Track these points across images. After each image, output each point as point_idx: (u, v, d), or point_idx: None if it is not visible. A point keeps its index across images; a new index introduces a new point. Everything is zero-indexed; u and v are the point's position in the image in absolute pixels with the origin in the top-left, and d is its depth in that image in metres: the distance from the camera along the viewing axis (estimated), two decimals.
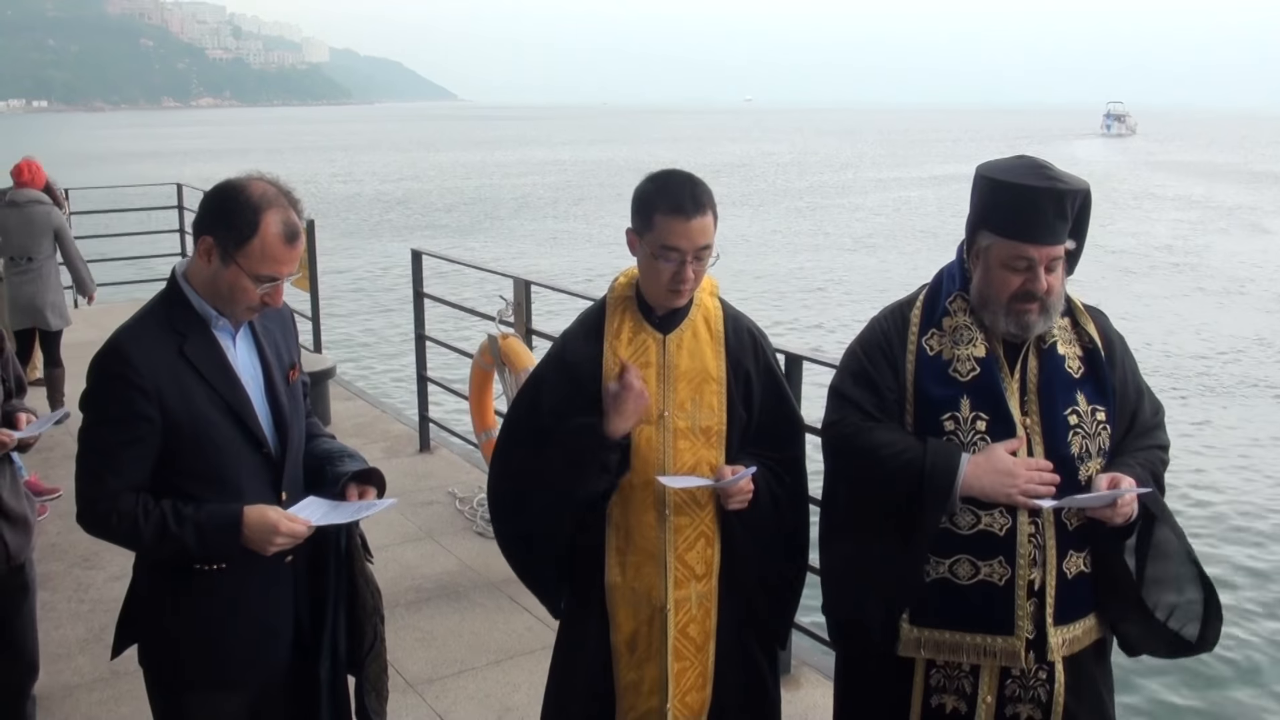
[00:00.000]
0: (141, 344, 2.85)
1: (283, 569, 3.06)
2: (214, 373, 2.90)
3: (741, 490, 3.20)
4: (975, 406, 2.95)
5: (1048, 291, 2.89)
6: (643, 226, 3.20)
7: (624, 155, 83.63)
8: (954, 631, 3.00)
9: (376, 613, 3.29)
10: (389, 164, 76.53)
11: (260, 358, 3.05)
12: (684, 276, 3.16)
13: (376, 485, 3.16)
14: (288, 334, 3.20)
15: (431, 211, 45.89)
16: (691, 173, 3.25)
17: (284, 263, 2.87)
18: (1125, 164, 75.21)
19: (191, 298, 2.92)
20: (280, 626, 3.10)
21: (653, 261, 3.19)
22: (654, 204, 3.16)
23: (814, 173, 67.49)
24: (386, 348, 19.56)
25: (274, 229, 2.83)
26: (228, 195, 2.87)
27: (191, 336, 2.89)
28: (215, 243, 2.85)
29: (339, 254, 30.34)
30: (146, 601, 3.04)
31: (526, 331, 7.26)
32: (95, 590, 6.02)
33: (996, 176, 2.92)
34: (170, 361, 2.85)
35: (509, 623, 5.77)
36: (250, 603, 3.02)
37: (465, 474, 8.08)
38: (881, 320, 3.17)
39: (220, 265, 2.86)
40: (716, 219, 3.20)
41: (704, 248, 3.16)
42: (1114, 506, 2.84)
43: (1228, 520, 11.92)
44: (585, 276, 26.32)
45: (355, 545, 3.23)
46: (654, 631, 3.30)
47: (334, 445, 3.30)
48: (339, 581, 3.18)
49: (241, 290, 2.87)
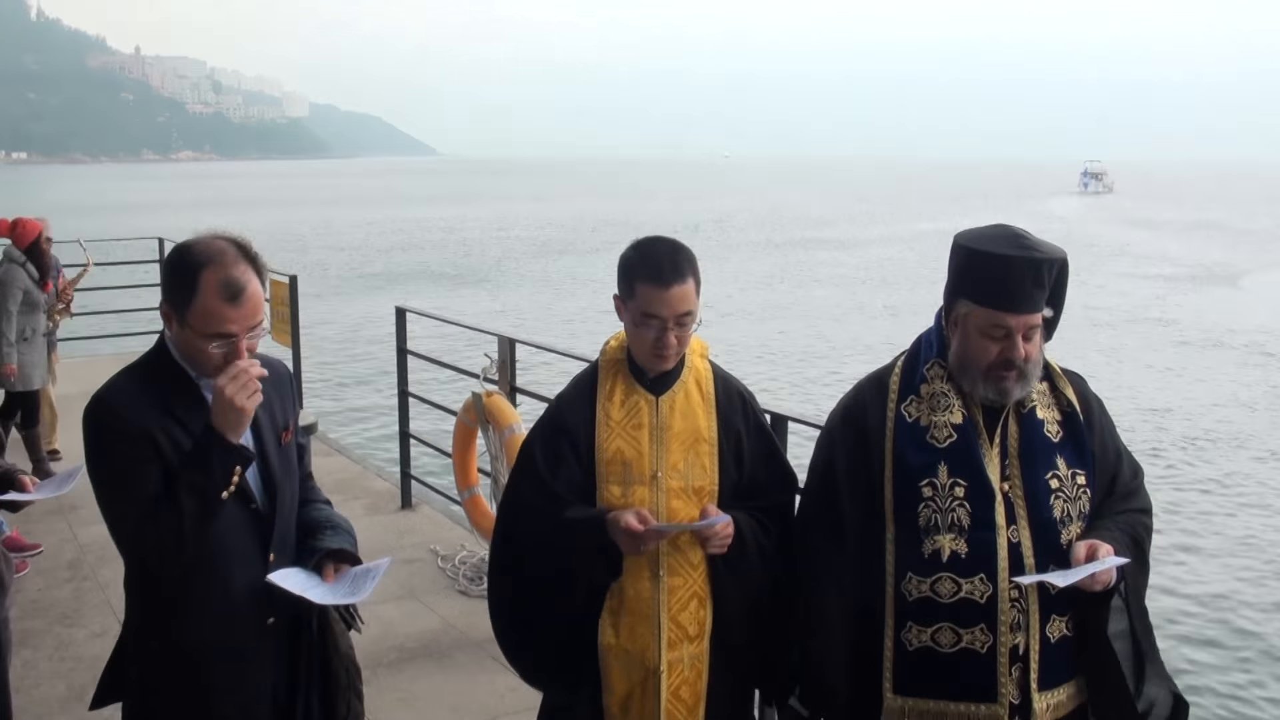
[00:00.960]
0: (128, 397, 2.84)
1: (265, 629, 3.03)
2: (200, 427, 2.85)
3: (718, 534, 3.20)
4: (953, 473, 2.96)
5: (1025, 359, 2.91)
6: (626, 293, 3.26)
7: (605, 209, 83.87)
8: (937, 700, 3.00)
9: (352, 689, 3.26)
10: (371, 219, 76.64)
11: (252, 418, 2.99)
12: (666, 343, 3.21)
13: (350, 563, 3.12)
14: (284, 396, 3.17)
15: (413, 264, 45.96)
16: (675, 240, 3.30)
17: (229, 321, 2.81)
18: (1102, 221, 75.78)
19: (177, 358, 2.90)
20: (262, 689, 3.06)
21: (636, 328, 3.25)
22: (635, 272, 3.22)
23: (790, 228, 67.73)
24: (369, 404, 19.53)
25: (212, 288, 2.79)
26: (173, 258, 2.86)
27: (178, 396, 2.87)
28: (170, 308, 2.85)
29: (322, 309, 30.33)
30: (133, 659, 3.02)
31: (511, 389, 7.29)
32: (76, 648, 5.98)
33: (974, 246, 2.94)
34: (158, 420, 2.83)
35: (492, 683, 5.74)
36: (234, 663, 2.98)
37: (448, 531, 8.05)
38: (860, 389, 3.20)
39: (179, 328, 2.85)
40: (699, 285, 3.24)
41: (685, 314, 3.20)
42: (1093, 577, 2.85)
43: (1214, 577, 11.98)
44: (569, 332, 26.38)
45: (329, 620, 3.20)
46: (647, 694, 3.30)
47: (321, 514, 3.26)
48: (310, 658, 3.15)
49: (199, 352, 2.83)
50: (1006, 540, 2.93)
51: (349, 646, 3.27)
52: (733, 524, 3.24)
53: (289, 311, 10.80)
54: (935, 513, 2.96)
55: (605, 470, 3.29)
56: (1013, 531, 2.94)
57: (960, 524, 2.94)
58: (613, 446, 3.29)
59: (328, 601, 3.00)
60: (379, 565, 3.09)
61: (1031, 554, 2.93)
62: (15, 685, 5.48)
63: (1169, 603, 11.09)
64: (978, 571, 2.92)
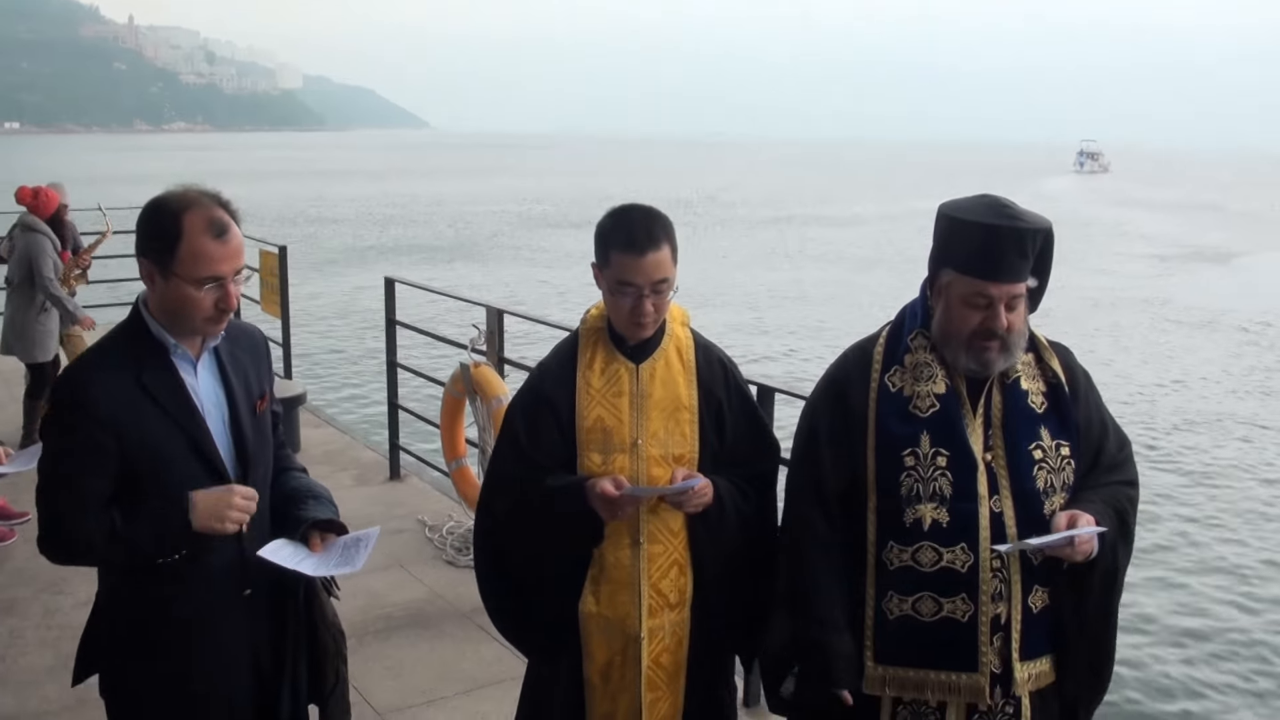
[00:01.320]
0: (99, 373, 2.81)
1: (242, 602, 3.00)
2: (171, 402, 2.84)
3: (693, 496, 3.21)
4: (935, 442, 2.95)
5: (1008, 329, 2.89)
6: (602, 262, 3.25)
7: (595, 185, 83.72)
8: (918, 669, 3.00)
9: (339, 655, 3.26)
10: (363, 191, 76.40)
11: (225, 387, 2.99)
12: (643, 310, 3.20)
13: (337, 532, 3.10)
14: (259, 362, 3.14)
15: (405, 238, 45.87)
16: (650, 206, 3.29)
17: (219, 260, 2.79)
18: (1095, 200, 75.80)
19: (151, 325, 2.87)
20: (242, 661, 3.05)
21: (612, 296, 3.24)
22: (610, 240, 3.21)
23: (788, 206, 67.73)
24: (358, 375, 19.51)
25: (198, 228, 2.77)
26: (149, 211, 2.84)
27: (149, 365, 2.84)
28: (152, 262, 2.81)
29: (312, 280, 30.28)
30: (107, 633, 3.00)
31: (499, 360, 7.28)
32: (63, 615, 5.98)
33: (957, 215, 2.93)
34: (127, 390, 2.79)
35: (478, 652, 5.76)
36: (210, 635, 2.96)
37: (435, 502, 8.06)
38: (844, 359, 3.19)
39: (163, 283, 2.80)
40: (675, 252, 3.23)
41: (660, 281, 3.19)
42: (1073, 545, 2.85)
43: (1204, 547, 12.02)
44: (559, 304, 26.36)
45: (315, 588, 3.19)
46: (628, 661, 3.32)
47: (301, 483, 3.23)
48: (297, 625, 3.14)
49: (189, 301, 2.80)
50: (989, 510, 2.92)
51: (334, 614, 3.27)
52: (711, 487, 3.25)
53: (279, 282, 10.78)
54: (917, 482, 2.95)
55: (586, 438, 3.29)
56: (995, 502, 2.93)
57: (942, 494, 2.93)
58: (593, 414, 3.29)
59: (320, 573, 2.99)
60: (369, 534, 3.08)
61: (1014, 524, 2.92)
62: (1, 653, 5.51)
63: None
64: (959, 541, 2.91)
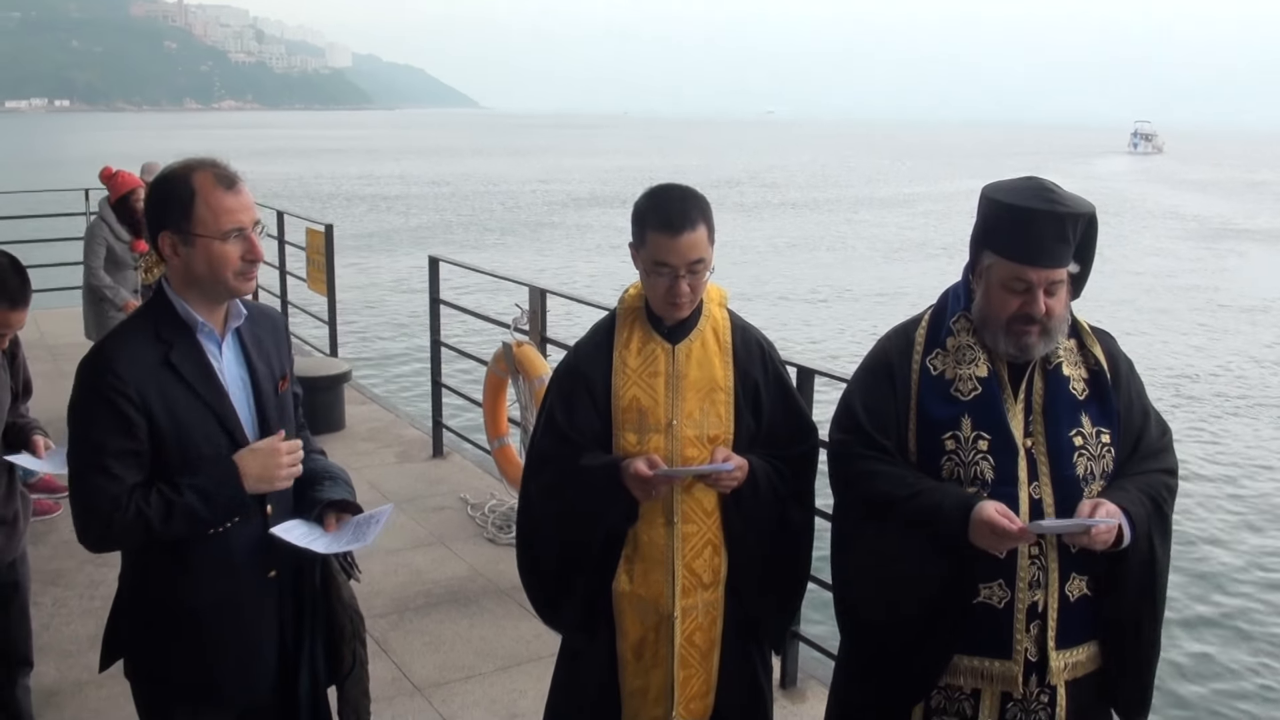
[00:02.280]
0: (125, 351, 2.82)
1: (267, 583, 3.03)
2: (199, 379, 2.87)
3: (727, 479, 3.23)
4: (976, 426, 2.93)
5: (1048, 314, 2.87)
6: (639, 242, 3.26)
7: (644, 164, 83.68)
8: (955, 654, 2.98)
9: (356, 637, 3.27)
10: (411, 169, 76.78)
11: (248, 366, 3.01)
12: (679, 290, 3.21)
13: (352, 513, 3.12)
14: (280, 343, 3.17)
15: (452, 218, 46.03)
16: (687, 187, 3.29)
17: (237, 210, 2.83)
18: (1148, 181, 75.14)
19: (176, 304, 2.89)
20: (265, 642, 3.07)
21: (648, 276, 3.25)
22: (646, 220, 3.21)
23: (838, 186, 67.45)
24: (402, 353, 19.62)
25: (209, 183, 2.81)
26: (156, 185, 2.87)
27: (176, 344, 2.86)
28: (171, 232, 2.83)
29: (359, 258, 30.46)
30: (131, 618, 3.02)
31: (541, 340, 7.31)
32: (107, 587, 6.05)
33: (999, 198, 2.90)
34: (154, 369, 2.81)
35: (517, 629, 5.80)
36: (236, 617, 2.99)
37: (478, 480, 8.12)
38: (886, 341, 3.17)
39: (187, 249, 2.83)
40: (712, 232, 3.23)
41: (696, 262, 3.19)
42: (1089, 533, 2.81)
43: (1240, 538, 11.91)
44: (606, 285, 26.39)
45: (331, 570, 3.21)
46: (660, 639, 3.34)
47: (318, 464, 3.24)
48: (314, 606, 3.17)
49: (217, 259, 2.82)
50: (1028, 496, 2.89)
51: (351, 596, 3.28)
52: (746, 467, 3.25)
53: (325, 260, 10.85)
54: (958, 466, 2.93)
55: (621, 418, 3.30)
56: (1034, 488, 2.90)
57: (983, 478, 2.91)
58: (629, 394, 3.30)
59: (331, 550, 3.01)
60: (382, 512, 3.10)
61: (1054, 511, 2.89)
62: (46, 623, 5.61)
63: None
64: None
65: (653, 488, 3.18)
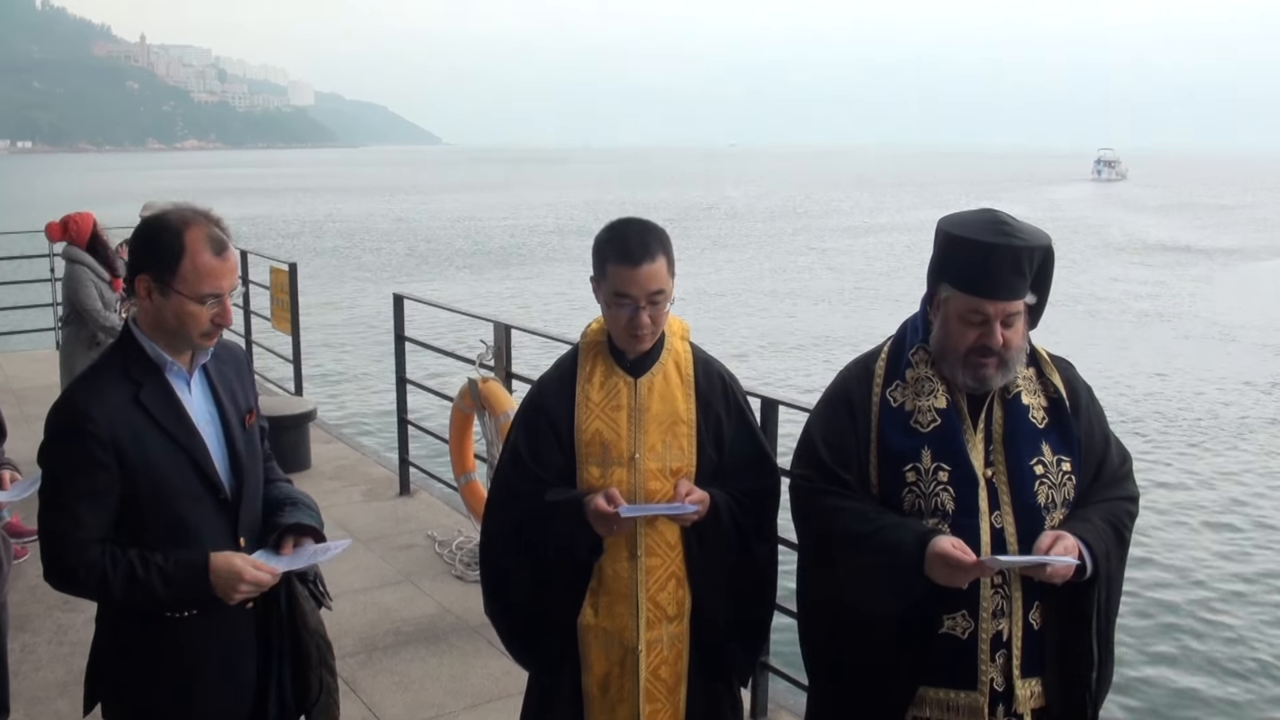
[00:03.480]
0: (96, 393, 2.85)
1: (245, 614, 3.06)
2: (169, 419, 2.90)
3: (689, 519, 3.25)
4: (936, 457, 2.94)
5: (1005, 346, 2.89)
6: (599, 275, 3.29)
7: (607, 198, 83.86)
8: (920, 686, 2.98)
9: (324, 665, 3.27)
10: (375, 207, 76.67)
11: (216, 403, 3.05)
12: (640, 322, 3.23)
13: (311, 536, 3.14)
14: (243, 378, 3.20)
15: (418, 253, 45.97)
16: (646, 220, 3.33)
17: (220, 276, 2.88)
18: (1110, 207, 75.84)
19: (144, 343, 2.93)
20: (244, 674, 3.10)
21: (609, 309, 3.28)
22: (606, 252, 3.25)
23: (792, 218, 67.71)
24: (367, 390, 19.56)
25: (200, 245, 2.85)
26: (148, 228, 2.90)
27: (146, 384, 2.89)
28: (151, 278, 2.87)
29: (321, 296, 30.35)
30: (111, 656, 3.04)
31: (506, 375, 7.31)
32: (75, 632, 6.01)
33: (954, 231, 2.92)
34: (125, 409, 2.85)
35: (486, 666, 5.78)
36: (215, 652, 3.01)
37: (445, 517, 8.09)
38: (846, 373, 3.19)
39: (161, 299, 2.87)
40: (671, 264, 3.26)
41: (656, 293, 3.22)
42: (1047, 569, 2.81)
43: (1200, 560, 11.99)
44: (570, 319, 26.39)
45: (296, 597, 3.22)
46: (626, 673, 3.34)
47: (281, 492, 3.27)
48: (280, 633, 3.17)
49: (189, 316, 2.87)
50: (990, 525, 2.91)
51: (319, 623, 3.29)
52: (708, 501, 3.27)
53: (289, 299, 10.81)
54: (919, 498, 2.94)
55: (584, 452, 3.32)
56: (996, 517, 2.92)
57: (944, 509, 2.92)
58: (592, 428, 3.32)
59: (282, 568, 3.01)
60: (339, 544, 3.15)
61: (1015, 540, 2.90)
62: (14, 669, 5.53)
63: None
64: None
65: (614, 524, 3.19)
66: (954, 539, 2.83)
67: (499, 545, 3.48)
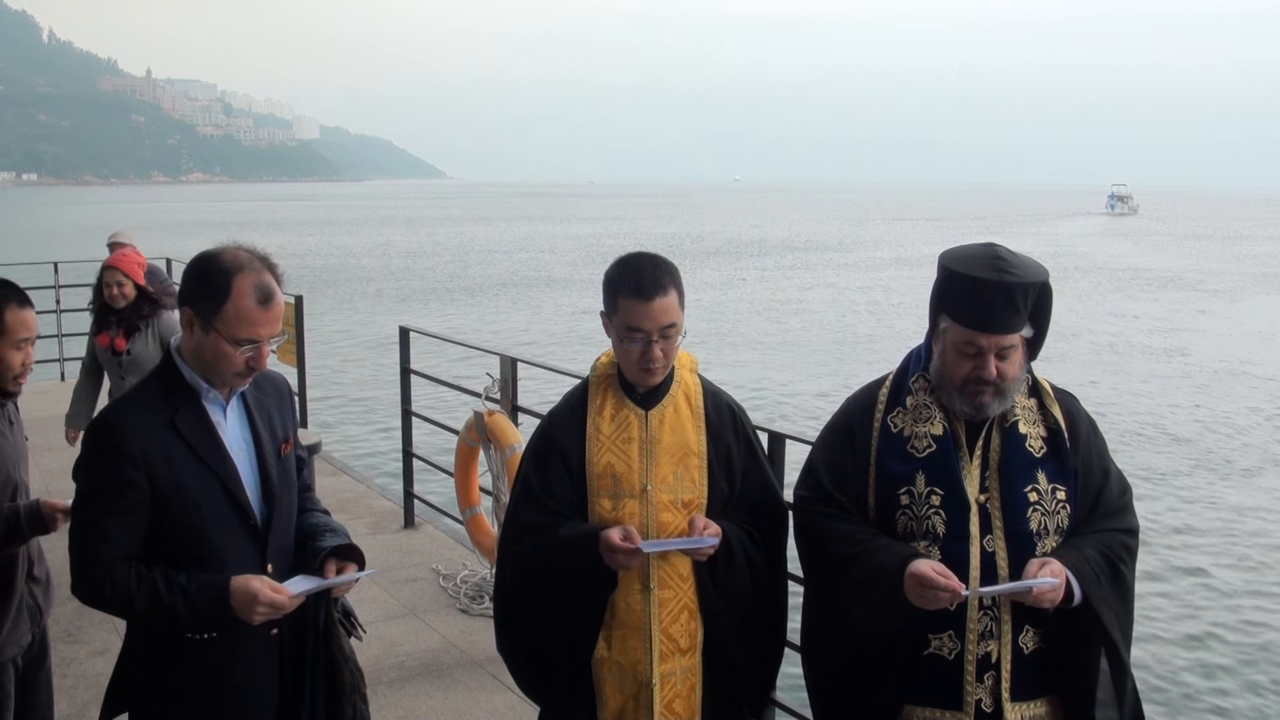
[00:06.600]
0: (131, 415, 2.92)
1: (269, 640, 3.09)
2: (202, 444, 2.96)
3: (705, 553, 3.27)
4: (930, 481, 3.03)
5: (1000, 376, 2.97)
6: (611, 309, 3.31)
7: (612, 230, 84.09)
8: (906, 704, 3.06)
9: (356, 691, 3.30)
10: (380, 239, 76.91)
11: (252, 430, 3.10)
12: (652, 356, 3.26)
13: (356, 561, 3.18)
14: (284, 408, 3.25)
15: (421, 286, 46.05)
16: (657, 254, 3.35)
17: (260, 325, 2.92)
18: (1120, 241, 76.20)
19: (183, 370, 2.99)
20: (266, 698, 3.12)
21: (621, 343, 3.29)
22: (618, 287, 3.27)
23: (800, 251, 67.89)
24: (373, 423, 19.54)
25: (246, 292, 2.90)
26: (201, 264, 2.95)
27: (182, 409, 2.95)
28: (195, 313, 2.92)
29: (327, 329, 30.41)
30: (138, 671, 3.07)
31: (512, 408, 7.30)
32: (78, 665, 5.98)
33: (953, 266, 3.01)
34: (160, 433, 2.90)
35: (491, 701, 5.75)
36: (238, 674, 3.05)
37: (450, 551, 8.07)
38: (852, 399, 3.29)
39: (201, 334, 2.92)
40: (682, 297, 3.29)
41: (669, 326, 3.24)
42: (1032, 593, 2.85)
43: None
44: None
45: (333, 622, 3.25)
46: (640, 707, 3.34)
47: (319, 521, 3.33)
48: (315, 658, 3.20)
49: (224, 356, 2.92)
50: (980, 549, 2.98)
51: (352, 651, 3.32)
52: (720, 534, 3.28)
53: (294, 331, 10.83)
54: (911, 520, 3.04)
55: (596, 484, 3.33)
56: (988, 541, 2.99)
57: (935, 532, 3.00)
58: (603, 461, 3.33)
59: (295, 590, 3.02)
60: (366, 572, 3.18)
61: (1006, 564, 2.97)
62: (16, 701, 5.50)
63: None
64: None
65: (630, 559, 3.19)
66: (935, 563, 2.92)
67: (511, 580, 3.48)
